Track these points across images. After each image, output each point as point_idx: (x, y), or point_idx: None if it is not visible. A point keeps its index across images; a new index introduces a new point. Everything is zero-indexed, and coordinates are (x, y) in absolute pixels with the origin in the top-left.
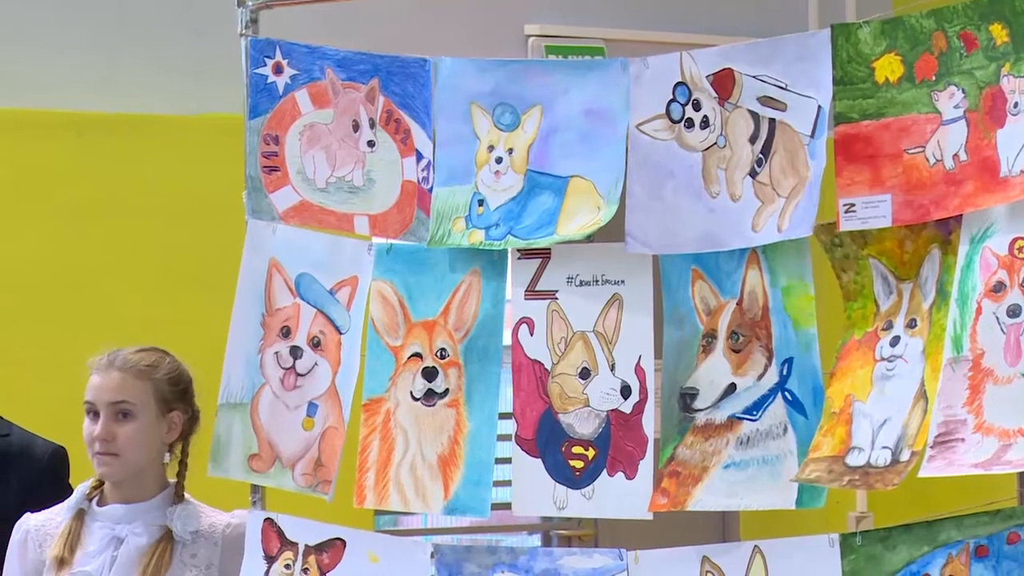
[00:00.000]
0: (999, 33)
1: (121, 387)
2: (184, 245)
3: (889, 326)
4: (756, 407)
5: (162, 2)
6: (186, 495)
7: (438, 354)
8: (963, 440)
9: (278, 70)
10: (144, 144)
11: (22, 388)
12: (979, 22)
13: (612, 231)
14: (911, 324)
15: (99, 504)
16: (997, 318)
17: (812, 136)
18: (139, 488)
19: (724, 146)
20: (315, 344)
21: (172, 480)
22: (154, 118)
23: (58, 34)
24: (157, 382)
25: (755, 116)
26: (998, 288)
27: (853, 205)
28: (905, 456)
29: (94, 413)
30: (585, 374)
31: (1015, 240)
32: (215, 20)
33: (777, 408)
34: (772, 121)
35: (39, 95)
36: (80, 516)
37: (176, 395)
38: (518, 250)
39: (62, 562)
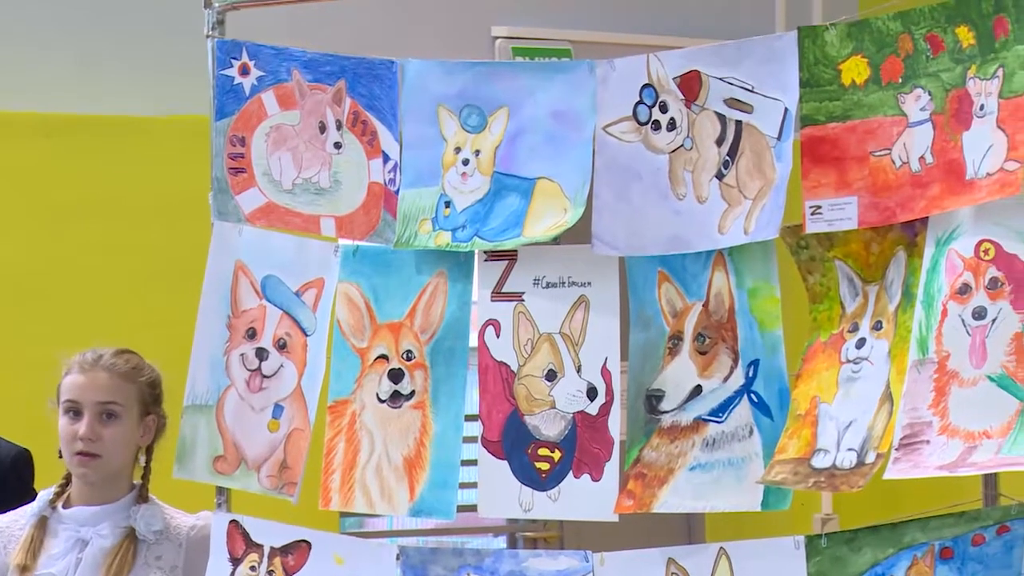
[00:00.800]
0: (965, 36)
1: (108, 388)
2: (153, 246)
3: (855, 328)
4: (722, 409)
5: (131, 3)
6: (151, 496)
7: (404, 356)
8: (928, 442)
9: (244, 71)
10: (113, 145)
11: None
12: (945, 25)
13: (579, 233)
14: (877, 326)
15: (64, 506)
16: (963, 320)
17: (778, 138)
18: (109, 490)
19: (691, 148)
20: (281, 346)
21: (137, 482)
22: (123, 119)
23: (28, 35)
24: (140, 385)
25: (722, 118)
26: (964, 290)
27: (819, 207)
28: (870, 458)
29: (75, 412)
30: (551, 376)
31: (981, 242)
32: (183, 21)
33: (743, 410)
34: (739, 123)
35: (8, 96)
36: (43, 523)
37: (153, 399)
38: (485, 252)
39: (24, 568)
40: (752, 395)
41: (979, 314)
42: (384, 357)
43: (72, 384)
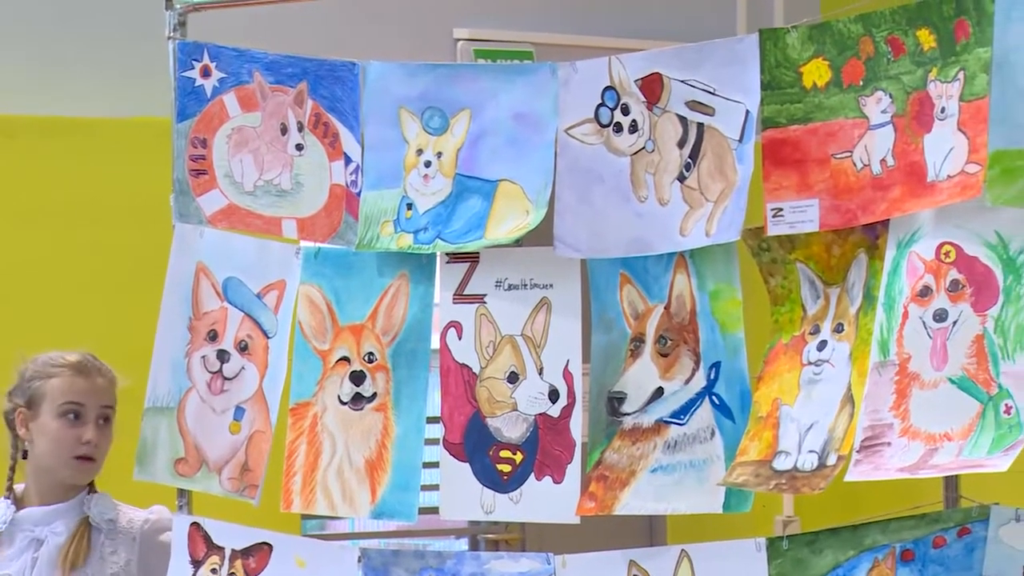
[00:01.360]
0: (926, 38)
1: (107, 391)
2: (115, 248)
3: (816, 330)
4: (683, 411)
5: (93, 5)
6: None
7: (366, 358)
8: (889, 444)
9: (206, 73)
10: (75, 147)
11: None
12: (906, 27)
13: (541, 235)
14: (838, 328)
15: (16, 508)
16: (923, 323)
17: (740, 141)
18: (64, 490)
19: (652, 151)
20: (242, 348)
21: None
22: (85, 121)
23: None
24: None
25: (683, 120)
26: (924, 293)
27: (781, 210)
28: (832, 460)
29: (76, 415)
30: (513, 378)
31: (942, 245)
32: (145, 23)
33: (704, 412)
34: (700, 126)
35: None
36: None
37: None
38: (446, 254)
39: None
40: (714, 397)
41: (940, 316)
42: (346, 359)
43: (72, 387)
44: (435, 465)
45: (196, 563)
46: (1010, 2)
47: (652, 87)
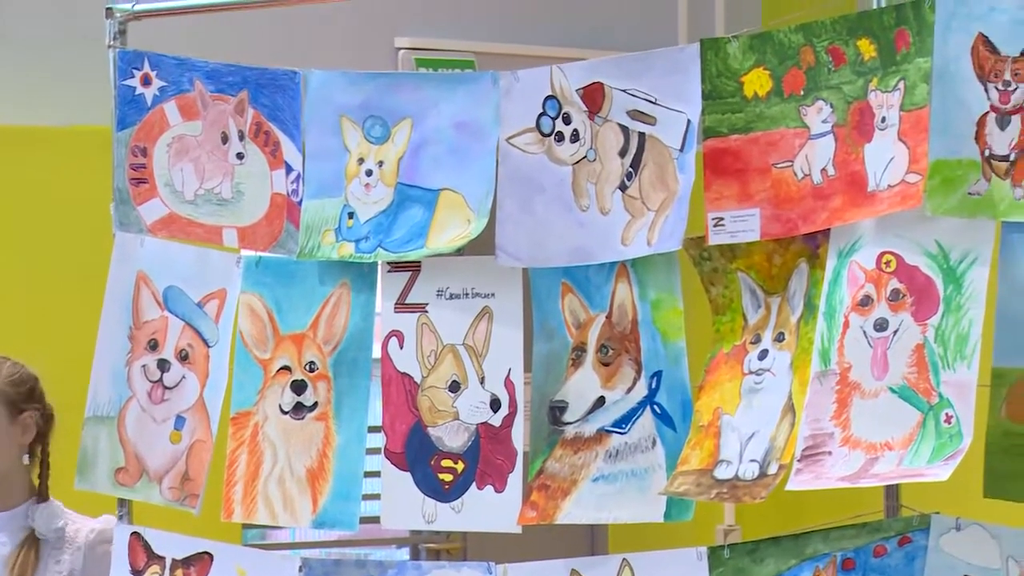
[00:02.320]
0: (867, 48)
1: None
2: (55, 256)
3: (757, 339)
4: (625, 420)
5: (32, 12)
6: (51, 498)
7: (307, 367)
8: (830, 453)
9: (146, 82)
10: (14, 155)
11: None
12: (847, 37)
13: (482, 244)
14: (779, 338)
15: None
16: (864, 332)
17: (681, 150)
18: (3, 497)
19: (594, 160)
20: (183, 357)
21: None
22: (24, 129)
23: None
24: (1, 387)
25: (625, 130)
26: (865, 302)
27: (722, 219)
28: (773, 469)
29: None
30: (455, 387)
31: (882, 254)
32: (84, 31)
33: (646, 421)
34: (642, 135)
35: None
36: None
37: (23, 396)
38: (388, 263)
39: None
40: (655, 406)
41: (881, 326)
42: (287, 368)
43: None
44: (377, 474)
45: (136, 573)
46: (950, 12)
47: (594, 96)
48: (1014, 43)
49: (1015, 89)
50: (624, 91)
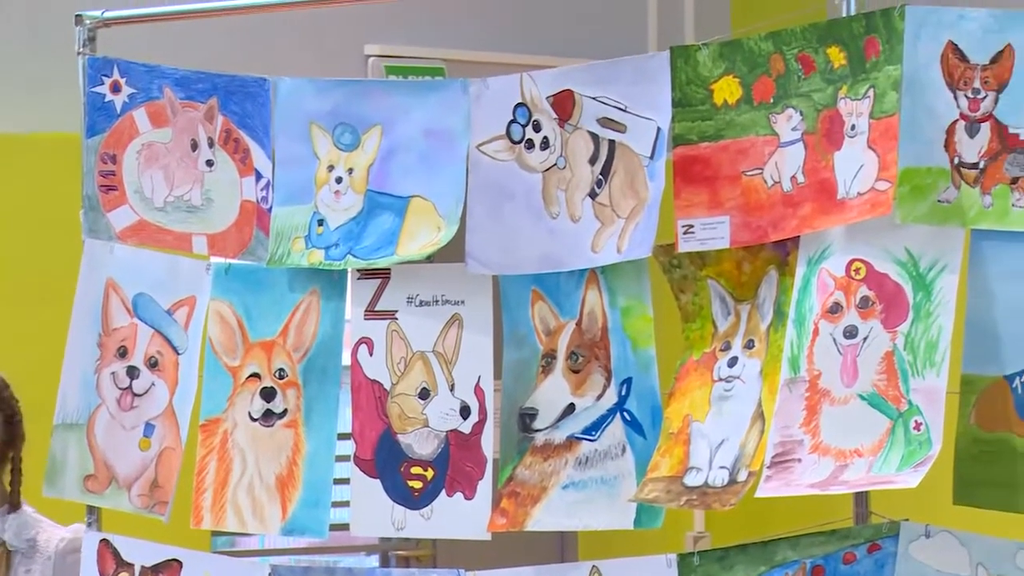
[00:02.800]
0: (836, 56)
1: None
2: (24, 263)
3: (727, 347)
4: (595, 427)
5: (1, 20)
6: (24, 505)
7: (277, 374)
8: (800, 460)
9: (116, 89)
10: None
11: None
12: (817, 45)
13: (452, 251)
14: (749, 345)
15: None
16: (834, 339)
17: (651, 158)
18: None
19: (564, 167)
20: (152, 364)
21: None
22: None
23: None
24: None
25: (595, 137)
26: (835, 309)
27: (692, 226)
28: (742, 476)
29: None
30: (424, 394)
31: (852, 261)
32: (54, 38)
33: (616, 428)
34: (612, 143)
35: None
36: None
37: None
38: (358, 270)
39: None
40: (625, 413)
41: (850, 333)
42: (256, 375)
43: None
44: (346, 481)
45: None
46: (920, 21)
47: (564, 104)
48: (983, 51)
49: (984, 97)
50: (594, 98)
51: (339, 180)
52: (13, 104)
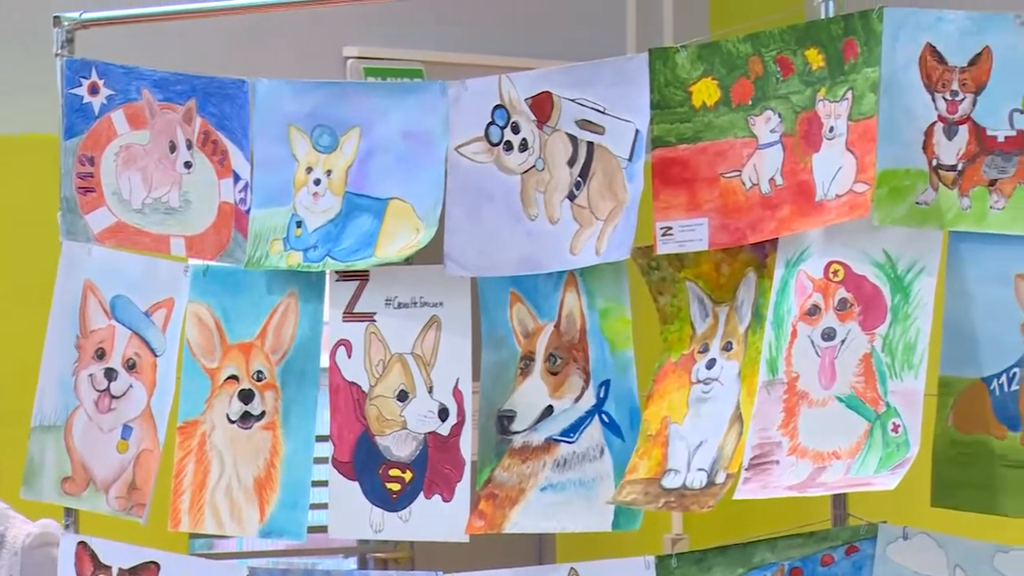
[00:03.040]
0: (815, 58)
1: None
2: (2, 265)
3: (705, 349)
4: (573, 429)
5: None
6: None
7: (255, 376)
8: (778, 462)
9: (94, 90)
10: None
11: None
12: (795, 47)
13: (431, 253)
14: (727, 347)
15: None
16: (812, 341)
17: (630, 159)
18: None
19: (543, 169)
20: (130, 366)
21: None
22: None
23: None
24: None
25: (573, 139)
26: (813, 311)
27: (670, 228)
28: (720, 478)
29: None
30: (403, 396)
31: (830, 264)
32: (32, 40)
33: (594, 430)
34: (590, 144)
35: None
36: None
37: None
38: (336, 272)
39: None
40: (603, 415)
41: (828, 335)
42: (234, 377)
43: None
44: (324, 484)
45: None
46: (898, 22)
47: (542, 106)
48: (962, 53)
49: (962, 99)
50: (573, 100)
51: (317, 182)
52: None
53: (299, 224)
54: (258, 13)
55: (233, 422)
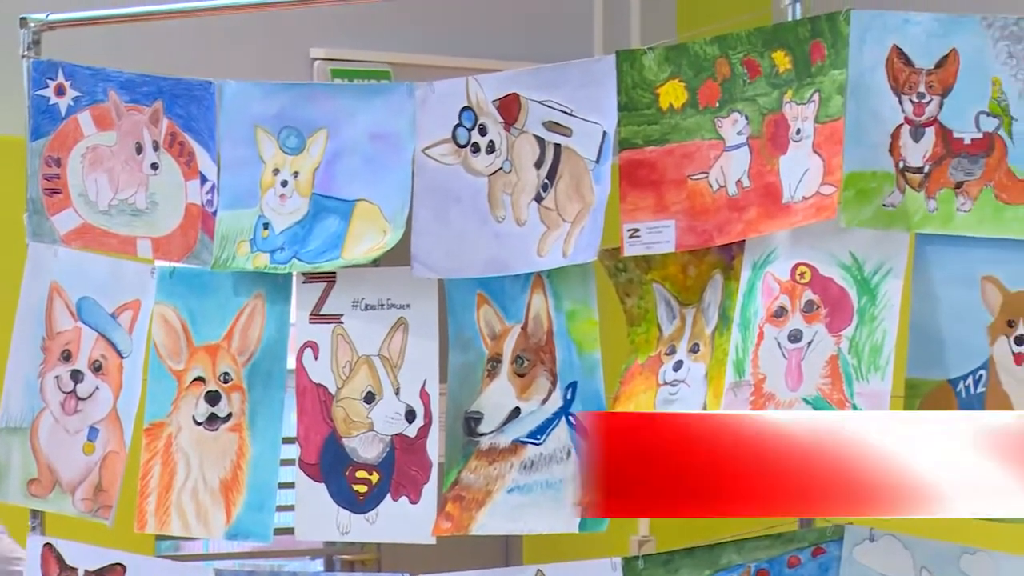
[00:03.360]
0: (782, 60)
1: None
2: None
3: (672, 351)
4: (540, 431)
5: None
6: None
7: (221, 378)
8: None
9: (60, 92)
10: None
11: None
12: (762, 49)
13: (398, 255)
14: (694, 349)
15: None
16: (779, 343)
17: (597, 161)
18: None
19: (510, 171)
20: (96, 368)
21: None
22: None
23: None
24: None
25: (540, 141)
26: (780, 313)
27: (637, 230)
28: None
29: None
30: (370, 398)
31: (797, 266)
32: None
33: (561, 432)
34: (557, 146)
35: None
36: None
37: None
38: (303, 274)
39: None
40: (570, 417)
41: (795, 337)
42: (201, 379)
43: None
44: (291, 486)
45: None
46: (865, 25)
47: (510, 107)
48: (928, 55)
49: (929, 101)
50: (540, 102)
51: (284, 184)
52: None
53: (266, 226)
54: (225, 15)
55: (199, 424)
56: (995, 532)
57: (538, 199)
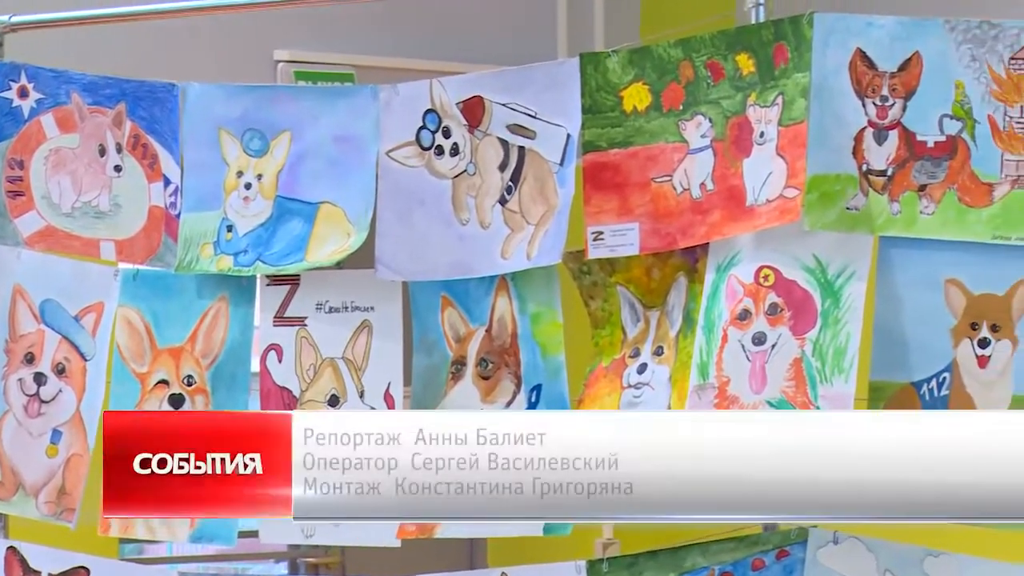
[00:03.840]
0: (745, 63)
1: None
2: None
3: (636, 353)
4: None
5: None
6: None
7: (185, 381)
8: None
9: (23, 94)
10: None
11: None
12: (726, 52)
13: (362, 258)
14: (658, 351)
15: None
16: (743, 346)
17: (561, 164)
18: None
19: (474, 173)
20: (60, 371)
21: None
22: None
23: None
24: None
25: (505, 144)
26: (744, 316)
27: (601, 233)
28: None
29: None
30: (334, 401)
31: (760, 268)
32: None
33: None
34: (522, 149)
35: None
36: None
37: None
38: (267, 276)
39: None
40: None
41: (759, 340)
42: (164, 382)
43: None
44: None
45: None
46: (828, 27)
47: (474, 110)
48: (892, 58)
49: (892, 104)
50: (504, 105)
51: (248, 186)
52: None
53: (230, 228)
54: (188, 17)
55: None
56: (959, 535)
57: (502, 202)
